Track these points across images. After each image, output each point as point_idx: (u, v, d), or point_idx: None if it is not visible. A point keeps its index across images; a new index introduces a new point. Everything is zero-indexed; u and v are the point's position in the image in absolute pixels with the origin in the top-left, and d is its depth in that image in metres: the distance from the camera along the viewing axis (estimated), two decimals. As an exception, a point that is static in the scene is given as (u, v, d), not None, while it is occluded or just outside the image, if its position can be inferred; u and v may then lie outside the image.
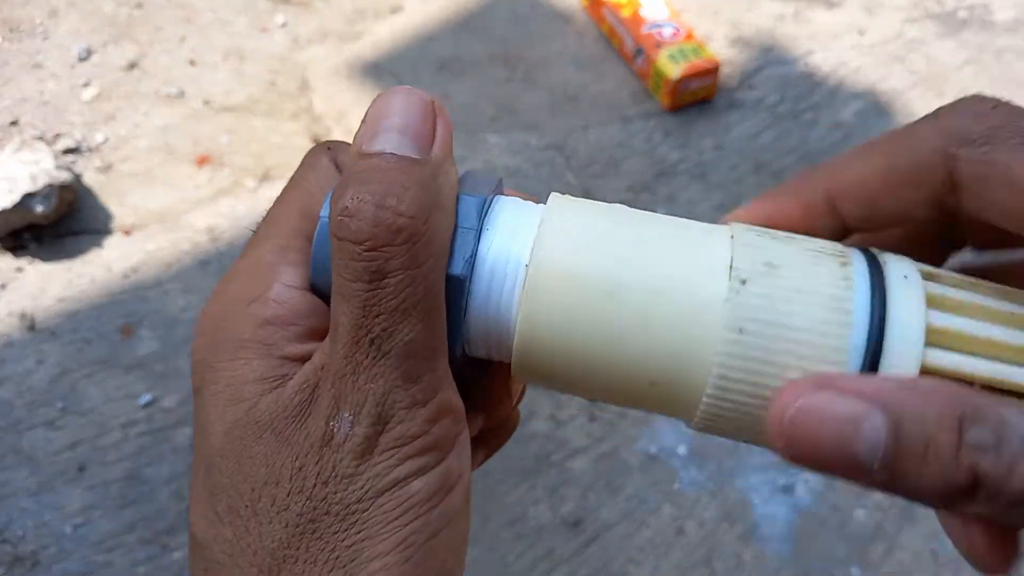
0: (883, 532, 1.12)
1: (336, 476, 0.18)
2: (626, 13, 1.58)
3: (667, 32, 1.55)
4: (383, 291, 0.18)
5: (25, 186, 1.25)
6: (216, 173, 1.41)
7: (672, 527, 1.11)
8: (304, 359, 0.19)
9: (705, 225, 0.21)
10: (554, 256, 0.19)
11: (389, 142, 0.19)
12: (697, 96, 1.53)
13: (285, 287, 0.20)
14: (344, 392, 0.18)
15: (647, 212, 0.21)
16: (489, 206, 0.21)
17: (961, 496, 0.16)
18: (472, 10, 1.68)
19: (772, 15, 1.71)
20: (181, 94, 1.50)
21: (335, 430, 0.18)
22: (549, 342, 0.19)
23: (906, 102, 1.60)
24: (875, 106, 1.59)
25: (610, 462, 1.16)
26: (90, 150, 1.42)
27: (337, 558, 0.18)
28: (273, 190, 1.39)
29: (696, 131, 1.52)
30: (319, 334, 0.20)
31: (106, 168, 1.40)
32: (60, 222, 1.32)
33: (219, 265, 1.31)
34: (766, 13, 1.71)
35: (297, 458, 0.18)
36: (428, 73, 1.57)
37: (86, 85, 1.50)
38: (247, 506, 0.18)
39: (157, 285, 1.28)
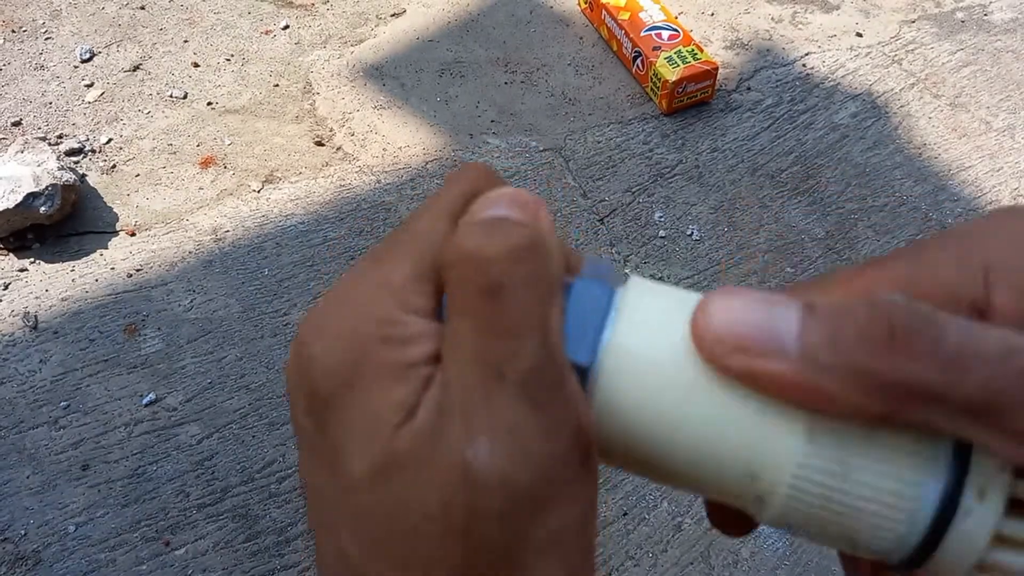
0: (880, 530, 1.13)
1: (486, 512, 0.17)
2: (624, 17, 1.59)
3: (665, 35, 1.56)
4: (505, 305, 0.18)
5: (29, 186, 1.26)
6: (220, 174, 1.42)
7: (670, 524, 1.12)
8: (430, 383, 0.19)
9: None
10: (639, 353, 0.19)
11: (501, 210, 0.19)
12: (695, 99, 1.55)
13: (418, 311, 0.19)
14: (474, 417, 0.17)
15: None
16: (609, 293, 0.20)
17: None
18: (473, 14, 1.70)
19: (769, 18, 1.72)
20: (185, 96, 1.51)
21: (471, 459, 0.17)
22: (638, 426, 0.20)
23: (903, 103, 1.61)
24: (872, 108, 1.60)
25: (609, 460, 1.16)
26: (94, 151, 1.43)
27: None
28: (277, 192, 1.41)
29: (693, 133, 1.53)
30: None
31: (110, 169, 1.41)
32: (63, 222, 1.33)
33: (222, 265, 1.32)
34: (763, 16, 1.73)
35: (441, 491, 0.17)
36: (429, 76, 1.59)
37: (89, 86, 1.51)
38: (408, 540, 0.18)
39: (161, 285, 1.29)
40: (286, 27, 1.63)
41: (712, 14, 1.72)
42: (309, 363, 0.19)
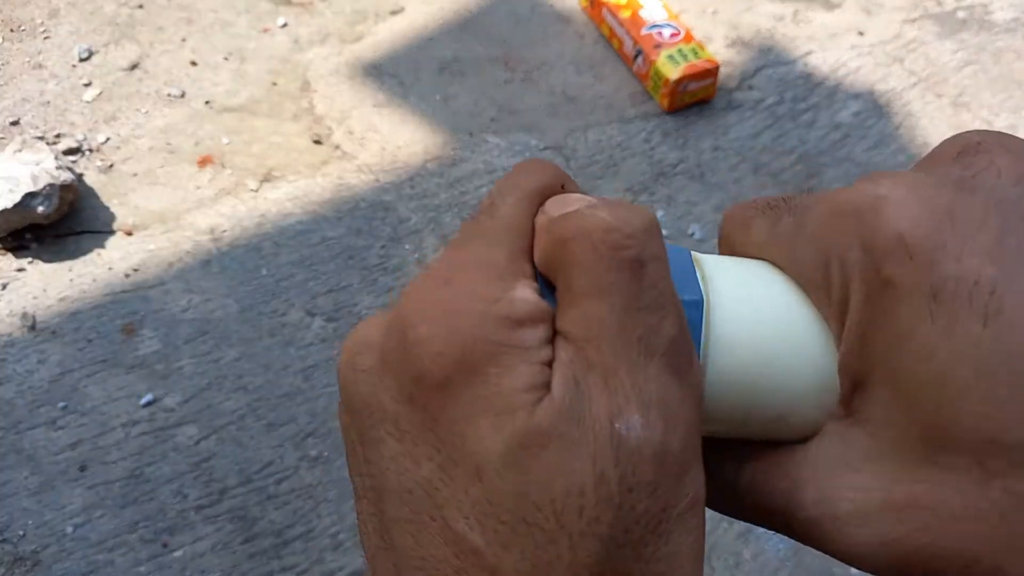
0: (882, 531, 1.13)
1: (639, 484, 0.17)
2: (625, 14, 1.59)
3: (666, 33, 1.55)
4: (646, 277, 0.18)
5: (26, 186, 1.25)
6: (218, 173, 1.42)
7: (671, 526, 1.12)
8: (551, 363, 0.18)
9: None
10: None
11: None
12: (696, 97, 1.54)
13: (527, 290, 0.19)
14: (623, 390, 0.18)
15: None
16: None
17: None
18: (472, 11, 1.69)
19: (771, 16, 1.72)
20: (182, 95, 1.51)
21: (622, 431, 0.17)
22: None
23: (905, 103, 1.60)
24: (874, 107, 1.59)
25: (610, 461, 1.16)
26: (91, 150, 1.43)
27: (650, 570, 0.17)
28: (275, 191, 1.40)
29: (695, 132, 1.53)
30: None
31: (107, 168, 1.41)
32: (61, 222, 1.32)
33: (220, 265, 1.31)
34: (765, 14, 1.72)
35: (595, 463, 0.17)
36: (429, 74, 1.58)
37: (87, 85, 1.51)
38: (550, 519, 0.17)
39: (159, 285, 1.28)
40: (284, 25, 1.63)
41: (714, 12, 1.71)
42: (417, 346, 0.18)
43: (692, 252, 0.21)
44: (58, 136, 1.43)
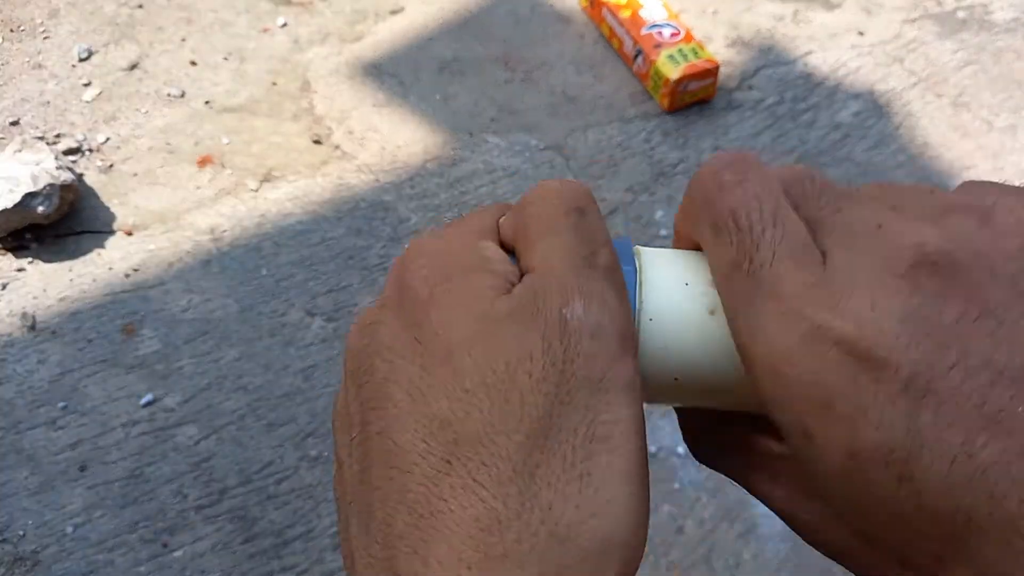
0: (882, 531, 1.13)
1: (580, 354, 0.21)
2: (626, 14, 1.59)
3: (666, 33, 1.55)
4: (587, 220, 0.23)
5: (26, 186, 1.25)
6: (217, 173, 1.42)
7: (672, 526, 1.12)
8: (514, 285, 0.23)
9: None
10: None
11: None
12: (696, 97, 1.54)
13: (496, 245, 0.24)
14: (570, 288, 0.22)
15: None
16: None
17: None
18: (472, 11, 1.69)
19: (771, 16, 1.72)
20: (182, 94, 1.51)
21: (568, 316, 0.21)
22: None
23: (905, 103, 1.60)
24: (874, 107, 1.59)
25: (610, 461, 1.16)
26: (91, 150, 1.43)
27: (594, 432, 0.21)
28: (275, 190, 1.40)
29: (695, 132, 1.53)
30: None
31: (107, 168, 1.41)
32: (61, 222, 1.32)
33: (220, 265, 1.31)
34: (765, 14, 1.72)
35: (544, 337, 0.21)
36: (428, 74, 1.58)
37: (87, 85, 1.51)
38: (504, 380, 0.21)
39: (159, 285, 1.28)
40: (284, 25, 1.63)
41: (714, 12, 1.71)
42: (410, 273, 0.23)
43: (634, 245, 0.26)
44: (58, 136, 1.43)
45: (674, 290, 0.24)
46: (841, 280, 0.20)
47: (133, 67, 1.54)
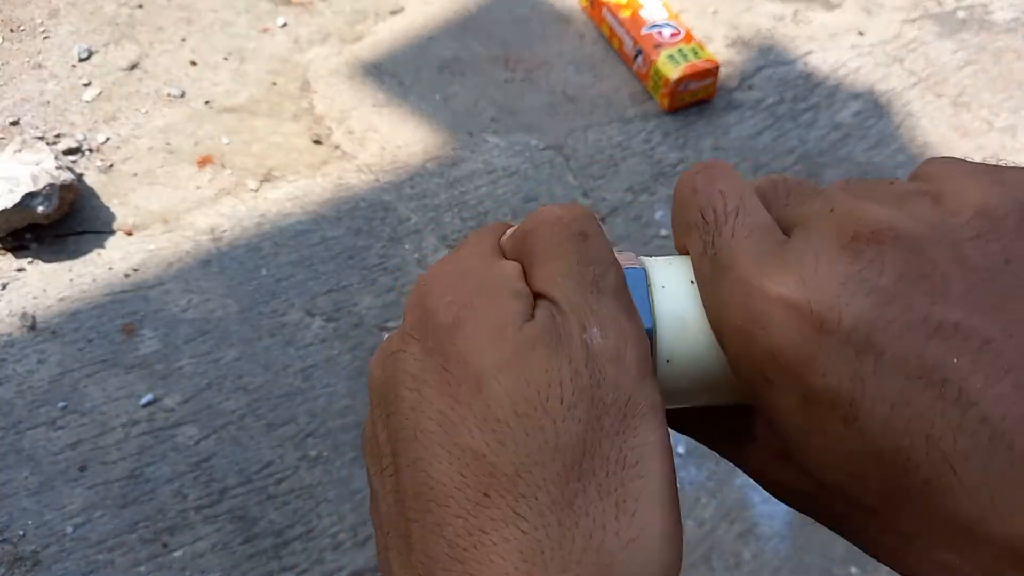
0: (882, 531, 1.13)
1: (604, 379, 0.22)
2: (626, 14, 1.59)
3: (666, 33, 1.55)
4: (592, 243, 0.24)
5: (26, 186, 1.25)
6: (217, 173, 1.42)
7: (671, 526, 1.12)
8: (534, 307, 0.23)
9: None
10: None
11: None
12: (696, 97, 1.54)
13: (508, 263, 0.24)
14: (585, 313, 0.22)
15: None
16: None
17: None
18: (472, 11, 1.69)
19: (771, 16, 1.72)
20: (182, 94, 1.51)
21: (588, 342, 0.22)
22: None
23: (905, 103, 1.60)
24: (874, 107, 1.59)
25: (610, 461, 1.16)
26: (91, 150, 1.43)
27: (625, 457, 0.21)
28: (274, 190, 1.40)
29: (695, 132, 1.53)
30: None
31: (107, 168, 1.41)
32: (61, 222, 1.32)
33: (220, 265, 1.31)
34: (765, 14, 1.72)
35: (571, 363, 0.21)
36: (428, 74, 1.58)
37: (87, 85, 1.51)
38: (536, 408, 0.21)
39: (159, 285, 1.28)
40: (284, 25, 1.63)
41: (714, 12, 1.71)
42: (432, 300, 0.23)
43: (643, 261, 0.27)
44: (58, 136, 1.43)
45: (684, 297, 0.25)
46: (791, 253, 0.22)
47: (133, 67, 1.54)
